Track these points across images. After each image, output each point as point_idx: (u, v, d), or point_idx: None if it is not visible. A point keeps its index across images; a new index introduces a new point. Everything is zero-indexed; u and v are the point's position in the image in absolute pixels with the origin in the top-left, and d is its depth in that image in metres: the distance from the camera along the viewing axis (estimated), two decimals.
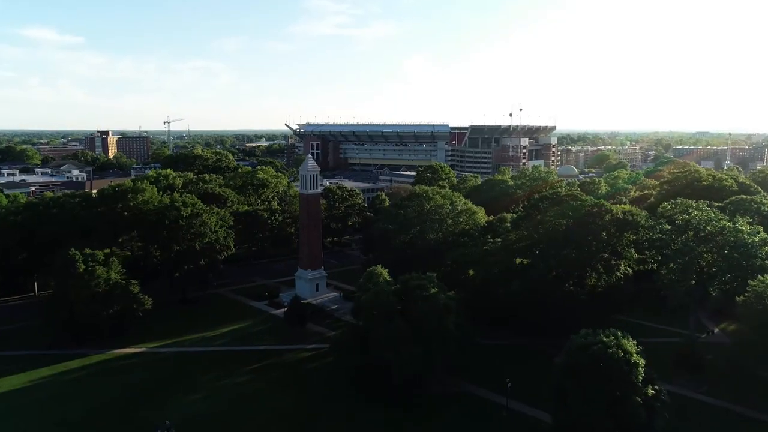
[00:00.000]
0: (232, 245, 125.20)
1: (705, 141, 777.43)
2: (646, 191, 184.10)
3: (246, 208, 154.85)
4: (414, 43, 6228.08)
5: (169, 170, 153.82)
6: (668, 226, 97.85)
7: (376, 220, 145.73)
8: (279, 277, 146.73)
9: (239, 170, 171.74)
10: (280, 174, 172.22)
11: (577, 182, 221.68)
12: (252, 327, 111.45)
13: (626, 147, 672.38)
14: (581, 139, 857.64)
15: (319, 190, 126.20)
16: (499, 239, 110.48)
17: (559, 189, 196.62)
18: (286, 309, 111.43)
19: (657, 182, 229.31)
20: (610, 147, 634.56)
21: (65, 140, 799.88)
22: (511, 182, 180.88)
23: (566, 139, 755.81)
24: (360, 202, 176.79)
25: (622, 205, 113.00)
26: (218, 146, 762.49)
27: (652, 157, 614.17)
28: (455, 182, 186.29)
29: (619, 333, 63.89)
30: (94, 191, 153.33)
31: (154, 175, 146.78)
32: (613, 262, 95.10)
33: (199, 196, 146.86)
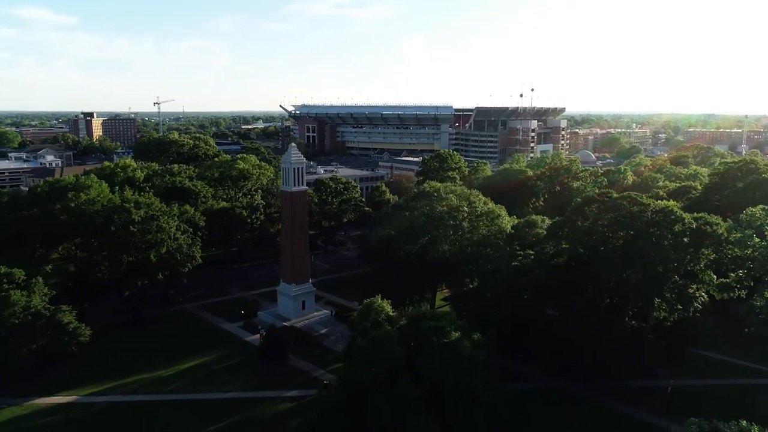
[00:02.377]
0: (197, 255, 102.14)
1: (715, 123, 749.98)
2: (684, 183, 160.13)
3: (223, 204, 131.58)
4: (414, 24, 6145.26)
5: (128, 160, 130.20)
6: (758, 240, 74.81)
7: (376, 221, 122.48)
8: (260, 286, 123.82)
9: (216, 159, 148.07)
10: (264, 164, 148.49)
11: (600, 170, 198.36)
12: (219, 361, 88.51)
13: (635, 130, 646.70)
14: (585, 121, 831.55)
15: (306, 186, 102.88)
16: (531, 252, 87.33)
17: (583, 179, 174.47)
18: (261, 339, 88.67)
19: (691, 171, 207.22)
20: (619, 130, 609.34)
21: (56, 122, 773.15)
22: (530, 172, 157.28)
23: (570, 122, 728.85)
24: (357, 196, 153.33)
25: (667, 201, 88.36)
26: (213, 128, 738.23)
27: (662, 140, 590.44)
28: (466, 172, 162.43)
29: (755, 429, 40.99)
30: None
31: (110, 166, 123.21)
32: (690, 289, 72.01)
33: (165, 191, 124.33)
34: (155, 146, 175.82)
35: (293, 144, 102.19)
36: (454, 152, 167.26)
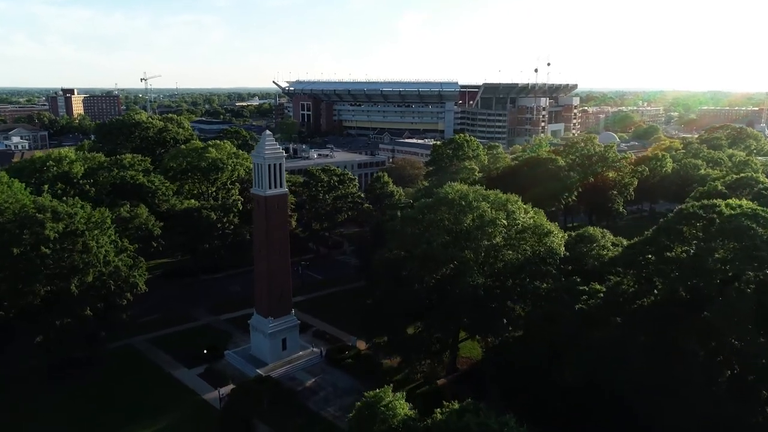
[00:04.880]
0: (141, 283, 76.53)
1: (726, 101, 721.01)
2: (741, 174, 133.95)
3: (188, 204, 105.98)
4: None
5: (65, 150, 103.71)
6: None
7: (378, 225, 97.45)
8: (233, 306, 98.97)
9: (183, 147, 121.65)
10: (241, 152, 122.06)
11: (632, 156, 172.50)
12: None
13: (646, 108, 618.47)
14: (590, 99, 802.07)
15: (286, 189, 77.10)
16: (599, 287, 62.04)
17: (622, 169, 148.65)
18: (220, 404, 63.78)
19: (738, 156, 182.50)
20: (629, 108, 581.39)
21: (44, 98, 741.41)
22: (561, 161, 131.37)
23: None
24: (354, 191, 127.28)
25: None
26: (206, 105, 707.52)
27: (675, 118, 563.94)
28: (486, 161, 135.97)
29: None
30: None
31: (42, 157, 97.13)
32: None
33: (114, 189, 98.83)
34: (117, 129, 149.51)
35: (267, 132, 76.19)
36: (472, 137, 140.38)
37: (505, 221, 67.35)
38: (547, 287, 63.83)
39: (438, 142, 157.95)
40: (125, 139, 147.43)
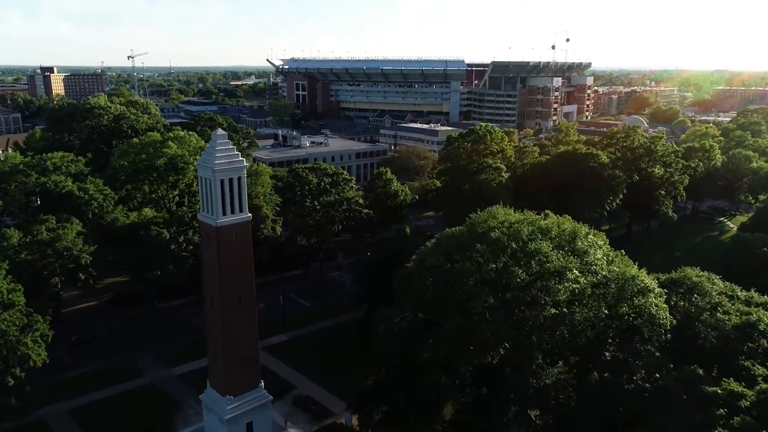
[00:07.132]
0: (36, 354, 52.80)
1: (739, 80, 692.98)
2: None
3: (143, 213, 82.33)
4: None
5: None
6: None
7: (382, 244, 73.85)
8: (190, 354, 75.59)
9: (135, 140, 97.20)
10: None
11: (678, 148, 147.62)
12: None
13: (659, 88, 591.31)
14: (597, 79, 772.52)
15: (248, 214, 53.10)
16: (739, 389, 38.66)
17: (674, 164, 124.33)
18: None
19: None
20: (642, 88, 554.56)
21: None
22: (604, 156, 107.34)
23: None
24: (351, 195, 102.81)
25: None
26: (199, 84, 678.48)
27: (690, 99, 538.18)
28: (513, 158, 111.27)
29: None
30: None
31: None
32: None
33: (38, 199, 75.00)
34: (68, 116, 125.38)
35: (219, 131, 52.14)
36: (495, 127, 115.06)
37: (577, 272, 43.65)
38: (652, 386, 40.20)
39: (451, 131, 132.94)
40: (78, 127, 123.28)
